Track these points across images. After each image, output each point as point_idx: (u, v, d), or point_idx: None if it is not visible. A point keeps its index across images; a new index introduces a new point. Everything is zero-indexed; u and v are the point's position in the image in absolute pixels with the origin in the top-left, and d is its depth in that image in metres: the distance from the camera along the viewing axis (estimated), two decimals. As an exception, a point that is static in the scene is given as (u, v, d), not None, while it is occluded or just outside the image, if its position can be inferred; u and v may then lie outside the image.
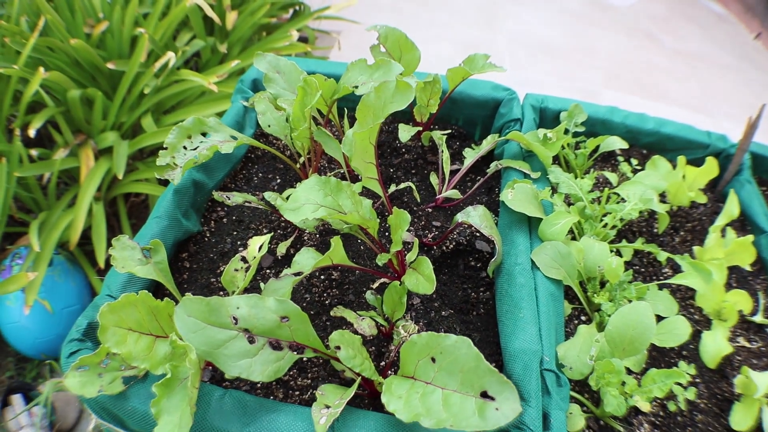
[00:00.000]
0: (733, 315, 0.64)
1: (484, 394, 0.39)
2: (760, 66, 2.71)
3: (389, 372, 0.54)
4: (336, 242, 0.50)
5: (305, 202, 0.49)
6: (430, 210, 0.75)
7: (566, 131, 0.83)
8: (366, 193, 0.75)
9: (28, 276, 0.91)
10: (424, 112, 0.80)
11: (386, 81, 0.48)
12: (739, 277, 0.74)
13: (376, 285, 0.63)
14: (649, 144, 0.89)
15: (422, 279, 0.51)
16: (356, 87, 0.60)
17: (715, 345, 0.62)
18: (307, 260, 0.52)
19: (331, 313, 0.56)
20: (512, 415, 0.38)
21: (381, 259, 0.53)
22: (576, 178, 0.76)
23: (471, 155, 0.78)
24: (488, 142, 0.78)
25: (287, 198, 0.53)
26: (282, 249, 0.66)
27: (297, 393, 0.53)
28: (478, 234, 0.70)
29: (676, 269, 0.73)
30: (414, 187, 0.72)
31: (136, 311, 0.45)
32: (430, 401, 0.40)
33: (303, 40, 1.91)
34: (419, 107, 0.80)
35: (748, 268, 0.72)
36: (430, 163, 0.83)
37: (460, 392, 0.40)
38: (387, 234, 0.70)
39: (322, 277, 0.64)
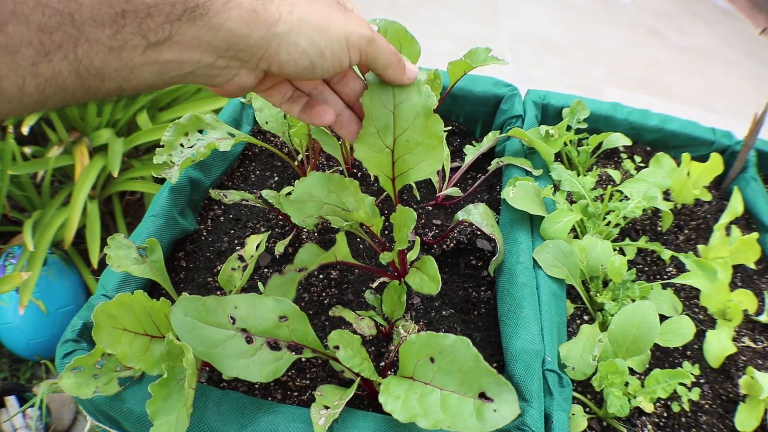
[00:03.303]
0: (738, 314, 0.63)
1: (483, 396, 0.39)
2: (765, 62, 2.70)
3: (389, 372, 0.53)
4: (341, 238, 0.49)
5: (308, 199, 0.48)
6: (430, 208, 0.74)
7: (568, 128, 0.82)
8: (365, 190, 0.75)
9: (21, 276, 0.90)
10: (424, 108, 0.79)
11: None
12: (744, 275, 0.73)
13: (375, 284, 0.62)
14: (652, 141, 0.88)
15: (427, 279, 0.50)
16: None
17: (720, 345, 0.61)
18: (310, 256, 0.51)
19: (330, 313, 0.55)
20: (510, 416, 0.37)
21: (384, 258, 0.52)
22: (578, 175, 0.75)
23: (472, 152, 0.77)
24: (489, 139, 0.77)
25: (287, 194, 0.52)
26: (280, 248, 0.65)
27: (296, 394, 0.53)
28: (479, 232, 0.69)
29: (681, 268, 0.72)
30: (414, 184, 0.71)
31: (132, 311, 0.44)
32: (428, 402, 0.40)
33: (302, 36, 1.89)
34: (419, 103, 0.79)
35: (753, 267, 0.71)
36: (430, 160, 0.82)
37: (459, 393, 0.39)
38: (386, 232, 0.69)
39: (321, 276, 0.64)
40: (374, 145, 0.44)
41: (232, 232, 0.69)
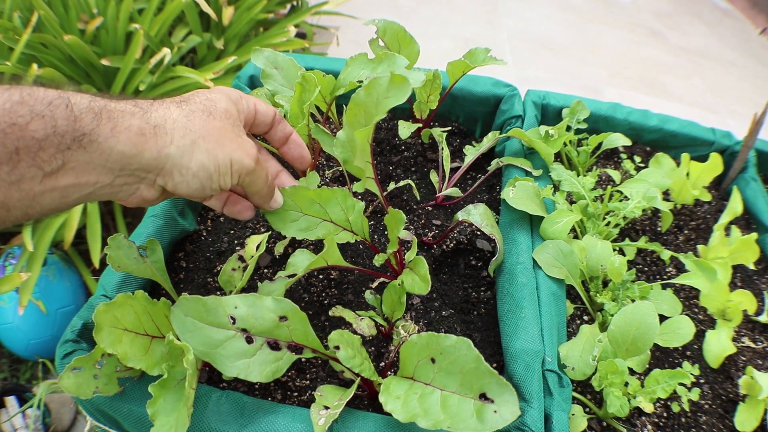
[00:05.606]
0: (738, 315, 0.63)
1: (483, 396, 0.39)
2: (765, 62, 2.70)
3: (389, 372, 0.53)
4: (330, 243, 0.49)
5: (288, 209, 0.50)
6: (430, 208, 0.74)
7: (568, 128, 0.82)
8: (365, 191, 0.74)
9: (21, 276, 0.90)
10: (423, 108, 0.79)
11: (377, 77, 0.45)
12: (743, 276, 0.73)
13: (375, 284, 0.62)
14: (652, 141, 0.88)
15: (418, 279, 0.50)
16: (361, 82, 0.58)
17: (719, 345, 0.61)
18: (301, 261, 0.51)
19: (330, 313, 0.55)
20: (511, 418, 0.37)
21: (378, 260, 0.53)
22: (578, 175, 0.75)
23: (471, 153, 0.78)
24: (489, 140, 0.77)
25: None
26: (280, 248, 0.65)
27: (296, 394, 0.53)
28: (478, 233, 0.69)
29: (680, 268, 0.72)
30: (414, 185, 0.71)
31: (132, 311, 0.45)
32: (428, 402, 0.40)
33: (301, 35, 1.90)
34: (419, 103, 0.79)
35: (753, 267, 0.71)
36: (430, 160, 0.82)
37: (459, 394, 0.40)
38: (387, 233, 0.69)
39: (321, 276, 0.64)
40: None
41: (232, 232, 0.69)
